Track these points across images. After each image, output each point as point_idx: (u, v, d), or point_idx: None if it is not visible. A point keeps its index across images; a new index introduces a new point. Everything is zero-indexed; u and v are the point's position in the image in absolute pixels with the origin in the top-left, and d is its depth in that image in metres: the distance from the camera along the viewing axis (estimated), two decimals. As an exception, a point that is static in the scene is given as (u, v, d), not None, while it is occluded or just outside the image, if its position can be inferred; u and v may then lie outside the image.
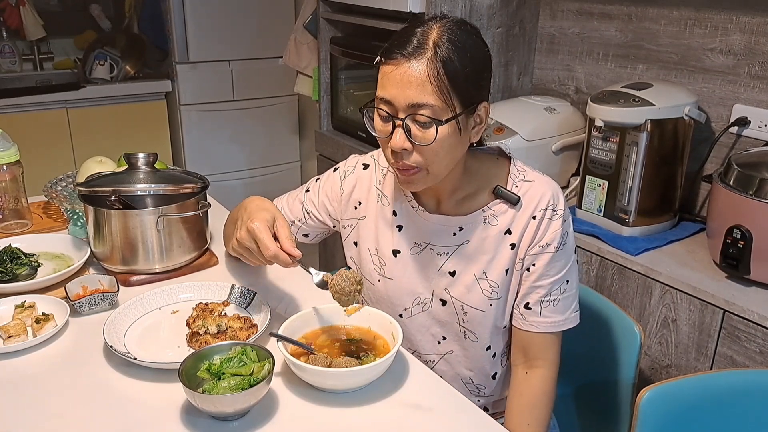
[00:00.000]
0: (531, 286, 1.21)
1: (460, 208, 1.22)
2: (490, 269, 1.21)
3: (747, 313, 1.40)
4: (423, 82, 1.03)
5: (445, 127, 1.06)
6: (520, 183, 1.20)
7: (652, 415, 1.13)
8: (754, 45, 1.69)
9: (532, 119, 2.01)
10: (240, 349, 1.04)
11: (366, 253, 1.30)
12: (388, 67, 1.06)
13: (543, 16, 2.25)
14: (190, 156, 3.55)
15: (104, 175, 1.43)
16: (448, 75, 1.04)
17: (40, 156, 3.04)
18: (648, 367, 1.64)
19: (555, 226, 1.18)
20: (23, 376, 1.09)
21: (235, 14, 3.39)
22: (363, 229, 1.31)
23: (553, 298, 1.20)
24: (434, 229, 1.23)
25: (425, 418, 1.02)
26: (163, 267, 1.38)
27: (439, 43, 1.04)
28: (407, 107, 1.05)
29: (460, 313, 1.24)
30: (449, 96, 1.05)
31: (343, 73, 2.64)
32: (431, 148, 1.07)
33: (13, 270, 1.34)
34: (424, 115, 1.05)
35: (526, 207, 1.19)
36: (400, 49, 1.05)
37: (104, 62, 3.45)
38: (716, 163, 1.79)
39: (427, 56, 1.03)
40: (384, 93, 1.08)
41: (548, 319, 1.21)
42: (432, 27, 1.06)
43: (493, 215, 1.20)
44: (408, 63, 1.04)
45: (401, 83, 1.05)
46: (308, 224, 1.36)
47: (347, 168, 1.34)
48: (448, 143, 1.08)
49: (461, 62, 1.05)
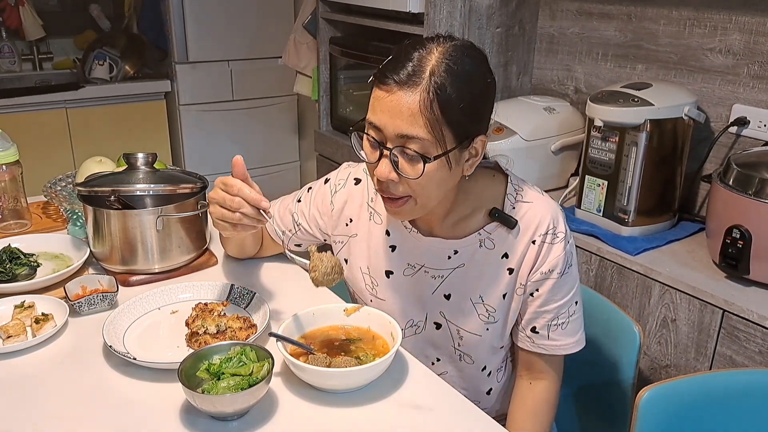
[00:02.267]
0: (536, 311, 1.17)
1: (454, 230, 1.17)
2: (486, 293, 1.18)
3: (746, 313, 1.40)
4: (414, 113, 0.97)
5: (434, 164, 1.00)
6: (517, 204, 1.15)
7: (652, 415, 1.13)
8: (754, 45, 1.69)
9: (532, 119, 2.01)
10: (239, 349, 1.04)
11: (358, 272, 1.27)
12: (380, 92, 1.00)
13: (542, 16, 2.25)
14: (189, 156, 3.55)
15: (103, 175, 1.43)
16: (441, 108, 0.97)
17: (39, 156, 3.04)
18: (647, 367, 1.64)
19: (557, 251, 1.13)
20: (23, 376, 1.08)
21: (235, 14, 3.39)
22: (354, 247, 1.27)
23: (561, 321, 1.18)
24: (428, 251, 1.19)
25: (425, 418, 1.02)
26: (162, 267, 1.38)
27: (435, 71, 0.97)
28: (396, 137, 1.00)
29: (455, 337, 1.22)
30: (441, 131, 0.98)
31: (342, 73, 2.64)
32: (418, 182, 1.02)
33: (13, 270, 1.34)
34: (412, 149, 0.99)
35: (524, 231, 1.14)
36: (393, 74, 0.98)
37: (104, 62, 3.45)
38: (716, 163, 1.79)
39: (422, 86, 0.97)
40: (374, 118, 1.02)
41: (557, 342, 1.19)
42: (432, 51, 0.99)
43: (489, 238, 1.16)
44: (400, 91, 0.98)
45: (392, 111, 0.99)
46: (298, 236, 1.34)
47: (338, 182, 1.29)
48: (437, 178, 1.03)
49: (458, 94, 0.98)
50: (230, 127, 3.61)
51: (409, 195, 1.06)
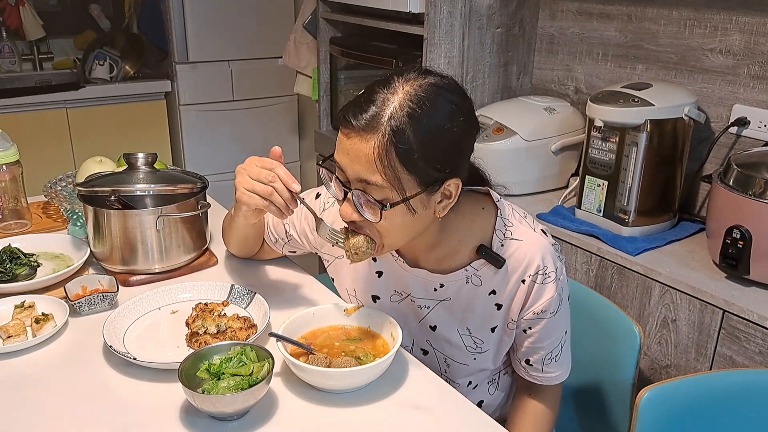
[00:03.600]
0: (531, 347, 1.18)
1: (440, 264, 1.14)
2: (473, 326, 1.17)
3: (746, 313, 1.40)
4: (369, 161, 0.94)
5: (393, 210, 0.97)
6: (506, 241, 1.10)
7: (652, 415, 1.13)
8: (754, 45, 1.69)
9: (532, 119, 2.01)
10: (239, 349, 1.04)
11: (344, 293, 1.28)
12: (341, 134, 0.98)
13: (542, 17, 2.25)
14: (189, 156, 3.55)
15: (104, 175, 1.43)
16: (399, 156, 0.93)
17: (39, 156, 3.04)
18: (647, 367, 1.64)
19: (549, 293, 1.11)
20: (23, 376, 1.09)
21: (235, 14, 3.39)
22: (341, 268, 1.26)
23: (554, 355, 1.19)
24: (414, 282, 1.17)
25: (425, 418, 1.02)
26: (162, 267, 1.38)
27: (395, 115, 0.93)
28: (356, 180, 0.98)
29: (442, 365, 1.23)
30: (398, 178, 0.95)
31: (342, 73, 2.64)
32: (381, 225, 1.00)
33: (13, 270, 1.34)
34: (369, 195, 0.97)
35: (513, 270, 1.11)
36: (353, 118, 0.95)
37: (104, 62, 3.45)
38: (716, 163, 1.79)
39: (380, 132, 0.93)
40: (338, 158, 1.00)
41: (550, 374, 1.21)
42: (396, 91, 0.95)
43: (476, 275, 1.13)
44: (357, 137, 0.95)
45: (350, 155, 0.96)
46: (291, 245, 1.34)
47: (327, 199, 1.27)
48: (400, 222, 1.00)
49: (420, 140, 0.94)
50: (230, 127, 3.61)
51: (374, 237, 1.03)
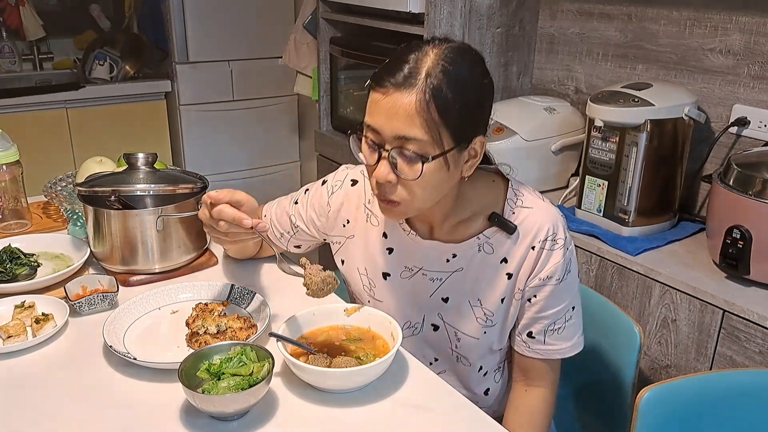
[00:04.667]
0: (534, 317, 1.17)
1: (453, 234, 1.17)
2: (484, 297, 1.17)
3: (746, 313, 1.40)
4: (411, 114, 0.97)
5: (432, 164, 1.00)
6: (517, 209, 1.14)
7: (652, 415, 1.13)
8: (754, 45, 1.69)
9: (532, 119, 2.01)
10: (240, 349, 1.04)
11: (355, 272, 1.28)
12: (377, 94, 1.00)
13: (543, 17, 2.25)
14: (189, 156, 3.55)
15: (104, 175, 1.43)
16: (438, 109, 0.97)
17: (39, 156, 3.04)
18: (648, 367, 1.64)
19: (556, 258, 1.13)
20: (23, 376, 1.09)
21: (235, 14, 3.39)
22: (351, 248, 1.27)
23: (557, 327, 1.18)
24: (427, 254, 1.19)
25: (425, 418, 1.02)
26: (162, 267, 1.38)
27: (432, 73, 0.97)
28: (394, 139, 1.00)
29: (453, 339, 1.22)
30: (438, 131, 0.98)
31: (342, 73, 2.64)
32: (416, 183, 1.02)
33: (13, 270, 1.34)
34: (410, 150, 0.99)
35: (523, 236, 1.13)
36: (390, 76, 0.99)
37: (104, 62, 3.45)
38: (716, 163, 1.79)
39: (418, 87, 0.97)
40: (371, 121, 1.02)
41: (553, 347, 1.19)
42: (428, 53, 1.00)
43: (488, 243, 1.15)
44: (397, 93, 0.97)
45: (388, 113, 0.98)
46: (297, 237, 1.34)
47: (335, 183, 1.29)
48: (435, 179, 1.02)
49: (455, 95, 0.98)
50: (230, 127, 3.61)
51: (403, 200, 1.05)
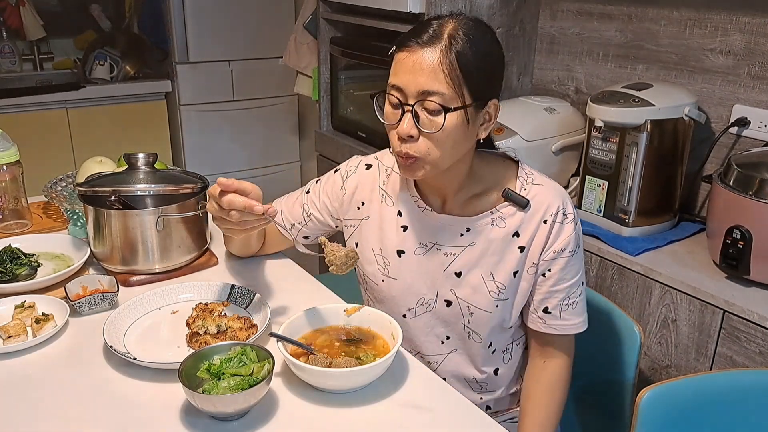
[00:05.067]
0: (549, 291, 1.21)
1: (466, 208, 1.22)
2: (497, 271, 1.21)
3: (747, 314, 1.40)
4: (435, 69, 1.05)
5: (453, 116, 1.07)
6: (528, 186, 1.20)
7: (652, 416, 1.13)
8: (754, 45, 1.69)
9: (532, 119, 2.01)
10: (240, 349, 1.04)
11: (370, 253, 1.30)
12: (402, 53, 1.09)
13: (543, 17, 2.25)
14: (189, 156, 3.55)
15: (104, 175, 1.43)
16: (460, 65, 1.05)
17: (40, 156, 3.04)
18: (648, 367, 1.64)
19: (567, 231, 1.19)
20: (23, 376, 1.09)
21: (235, 14, 3.39)
22: (366, 230, 1.30)
23: (571, 302, 1.22)
24: (442, 229, 1.23)
25: (425, 418, 1.02)
26: (162, 267, 1.38)
27: (454, 35, 1.06)
28: (418, 94, 1.07)
29: (465, 314, 1.24)
30: (460, 86, 1.06)
31: (342, 73, 2.64)
32: (437, 137, 1.08)
33: (13, 270, 1.34)
34: (433, 102, 1.06)
35: (535, 211, 1.19)
36: (415, 37, 1.08)
37: (104, 62, 3.45)
38: (716, 164, 1.79)
39: (442, 45, 1.06)
40: (395, 80, 1.09)
41: (569, 322, 1.23)
42: (448, 21, 1.09)
43: (501, 217, 1.20)
44: (422, 50, 1.06)
45: (413, 70, 1.06)
46: (308, 226, 1.36)
47: (349, 168, 1.34)
48: (455, 133, 1.09)
49: (474, 55, 1.07)
50: (231, 127, 3.61)
51: (424, 156, 1.11)
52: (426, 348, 1.30)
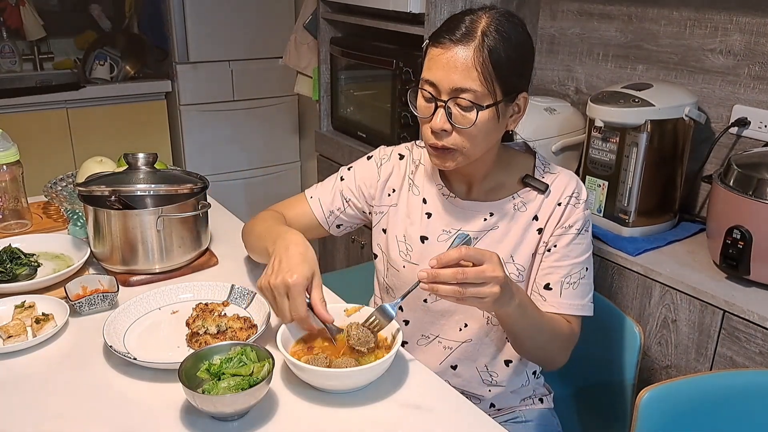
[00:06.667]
0: (551, 266, 1.24)
1: (489, 194, 1.27)
2: (517, 253, 1.25)
3: (747, 314, 1.40)
4: (468, 67, 1.08)
5: (485, 113, 1.11)
6: (546, 174, 1.27)
7: (652, 416, 1.13)
8: (754, 45, 1.69)
9: (532, 119, 2.00)
10: (240, 349, 1.04)
11: (393, 239, 1.33)
12: (436, 50, 1.12)
13: (543, 17, 2.25)
14: (190, 156, 3.55)
15: (104, 175, 1.43)
16: (493, 63, 1.09)
17: (40, 156, 3.04)
18: (648, 367, 1.64)
19: (578, 212, 1.24)
20: (23, 376, 1.09)
21: (235, 14, 3.39)
22: (393, 216, 1.34)
23: (573, 281, 1.23)
24: (466, 213, 1.27)
25: (425, 418, 1.02)
26: (162, 267, 1.39)
27: (487, 31, 1.09)
28: (450, 90, 1.10)
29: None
30: (492, 83, 1.09)
31: (343, 74, 2.64)
32: (469, 131, 1.12)
33: (13, 270, 1.34)
34: (465, 99, 1.10)
35: (552, 195, 1.25)
36: (449, 34, 1.10)
37: (104, 62, 3.45)
38: (716, 164, 1.79)
39: (475, 43, 1.08)
40: (429, 75, 1.13)
41: (568, 302, 1.23)
42: (481, 16, 1.11)
43: (522, 202, 1.26)
44: (455, 48, 1.09)
45: (447, 67, 1.10)
46: (346, 213, 1.38)
47: (383, 156, 1.38)
48: (486, 128, 1.13)
49: (506, 52, 1.10)
50: (231, 127, 3.61)
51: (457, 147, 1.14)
52: (444, 332, 1.31)
